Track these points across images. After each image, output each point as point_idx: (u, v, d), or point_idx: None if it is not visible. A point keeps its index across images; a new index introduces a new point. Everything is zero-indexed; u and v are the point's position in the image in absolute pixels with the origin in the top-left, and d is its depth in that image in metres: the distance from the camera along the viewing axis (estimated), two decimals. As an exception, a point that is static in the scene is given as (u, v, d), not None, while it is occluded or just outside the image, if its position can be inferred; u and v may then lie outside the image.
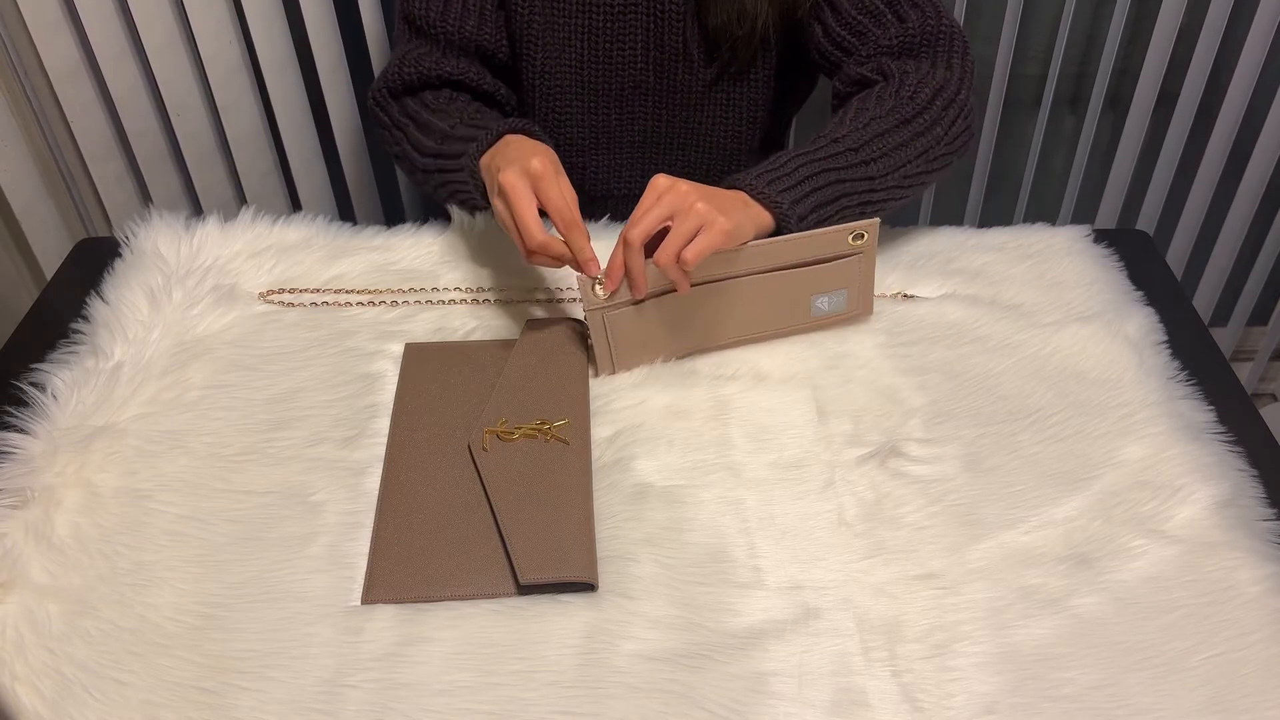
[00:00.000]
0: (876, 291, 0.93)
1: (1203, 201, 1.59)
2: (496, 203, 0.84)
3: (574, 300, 0.93)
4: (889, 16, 0.96)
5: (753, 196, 0.82)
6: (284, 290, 0.93)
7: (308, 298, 0.93)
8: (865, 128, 0.88)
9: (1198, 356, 0.88)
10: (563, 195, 0.81)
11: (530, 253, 0.82)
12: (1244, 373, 1.83)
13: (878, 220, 0.84)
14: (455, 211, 1.01)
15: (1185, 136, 1.52)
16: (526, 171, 0.81)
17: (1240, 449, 0.78)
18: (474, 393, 0.82)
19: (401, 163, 1.03)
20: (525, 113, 1.09)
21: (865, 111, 0.90)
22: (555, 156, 0.85)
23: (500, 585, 0.68)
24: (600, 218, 1.01)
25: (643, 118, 1.08)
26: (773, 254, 0.83)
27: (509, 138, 0.89)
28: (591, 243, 0.80)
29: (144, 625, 0.66)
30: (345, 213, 1.56)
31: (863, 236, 0.84)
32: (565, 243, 0.80)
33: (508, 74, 1.07)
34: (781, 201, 0.82)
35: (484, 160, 0.89)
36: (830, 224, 0.86)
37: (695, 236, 0.77)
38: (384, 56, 1.41)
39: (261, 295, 0.92)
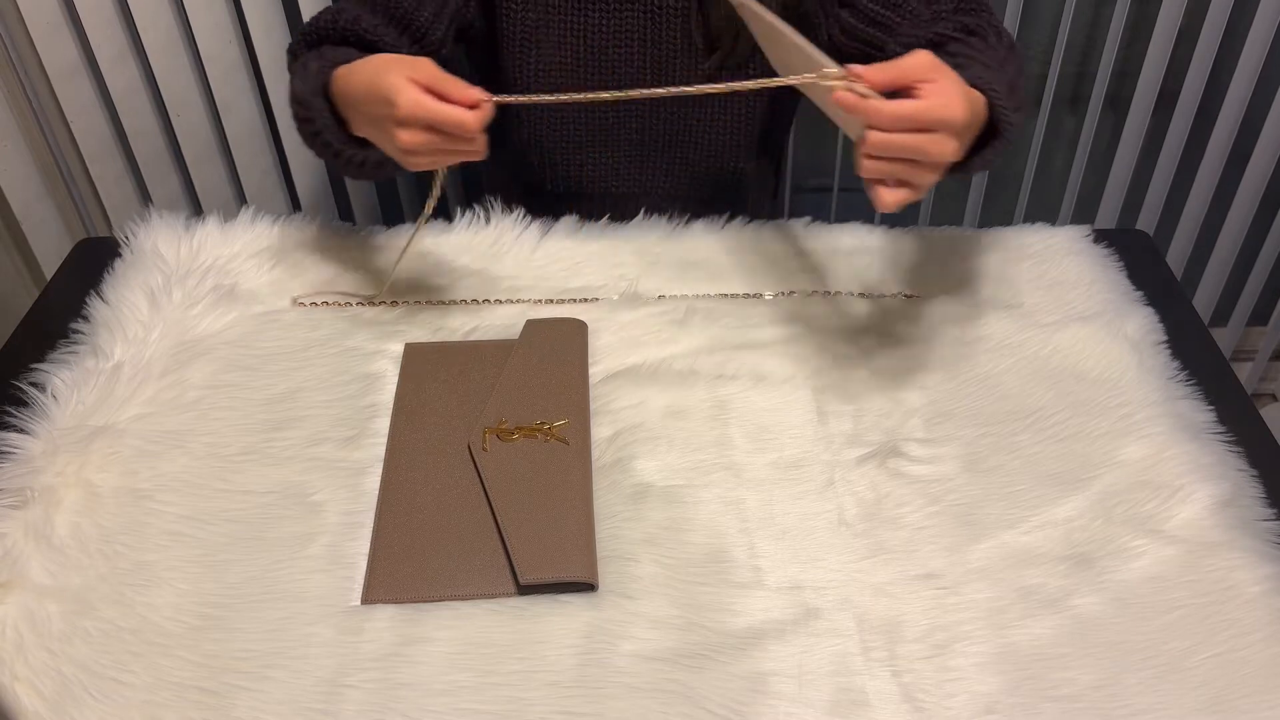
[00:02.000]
0: (877, 292, 0.93)
1: (1203, 201, 1.59)
2: (405, 138, 0.74)
3: (574, 301, 0.93)
4: None
5: (997, 117, 0.77)
6: (316, 294, 0.92)
7: (337, 297, 0.92)
8: (1001, 68, 0.84)
9: (1198, 356, 0.88)
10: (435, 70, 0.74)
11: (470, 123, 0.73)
12: (1244, 373, 1.83)
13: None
14: (457, 211, 1.01)
15: (1185, 136, 1.52)
16: (412, 81, 0.73)
17: (1240, 449, 0.78)
18: (474, 393, 0.82)
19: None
20: (521, 114, 1.09)
21: (993, 56, 0.85)
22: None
23: (500, 585, 0.68)
24: (600, 217, 1.01)
25: (639, 115, 1.07)
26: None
27: (358, 64, 0.79)
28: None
29: (144, 625, 0.66)
30: (345, 213, 1.56)
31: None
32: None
33: (443, 64, 1.00)
34: (1013, 123, 0.77)
35: (337, 87, 0.81)
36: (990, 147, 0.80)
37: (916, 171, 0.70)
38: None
39: (294, 300, 0.91)
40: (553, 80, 1.04)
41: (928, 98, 0.69)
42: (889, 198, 0.70)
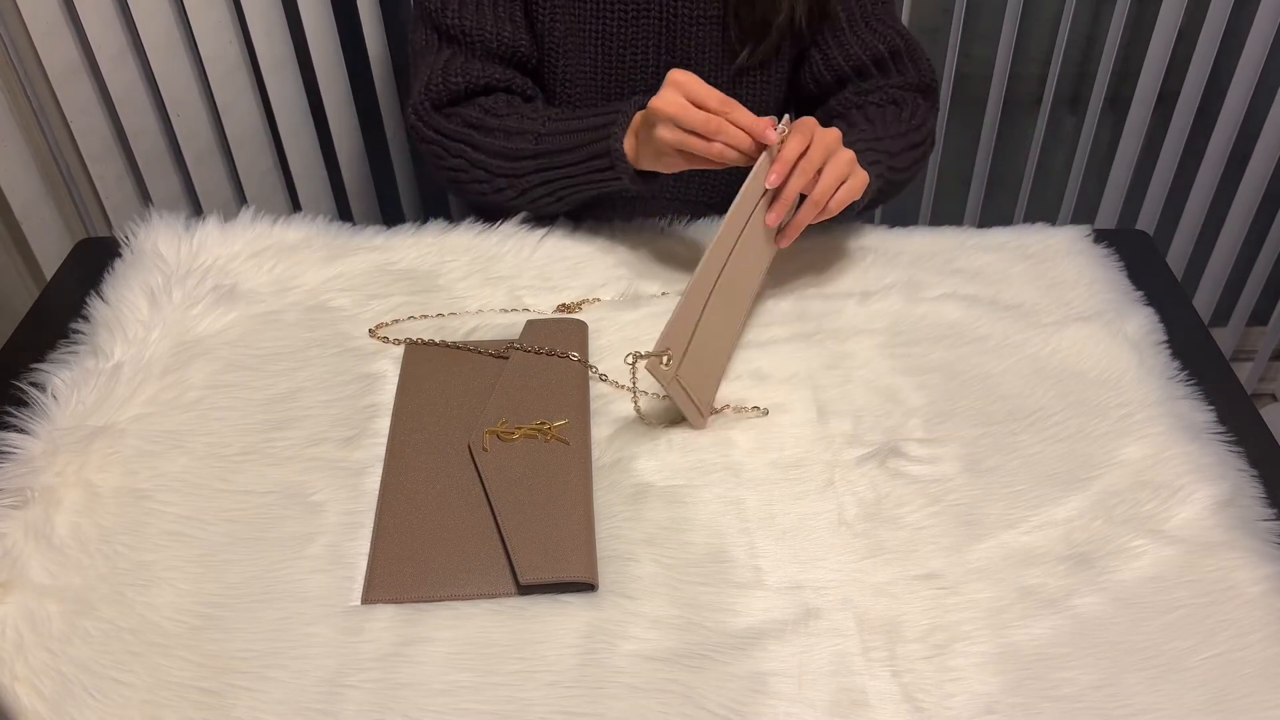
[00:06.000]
0: (875, 288, 0.93)
1: (1203, 201, 1.59)
2: (662, 134, 0.86)
3: (574, 301, 0.93)
4: (891, 67, 1.05)
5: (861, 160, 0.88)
6: (393, 322, 0.90)
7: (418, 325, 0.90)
8: (894, 139, 0.98)
9: (1198, 356, 0.88)
10: (707, 86, 0.85)
11: (714, 140, 0.84)
12: (1244, 373, 1.83)
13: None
14: (458, 211, 1.01)
15: (1185, 136, 1.52)
16: (672, 85, 0.85)
17: (1240, 449, 0.78)
18: (474, 393, 0.82)
19: (460, 175, 1.00)
20: None
21: (891, 125, 0.99)
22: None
23: (500, 585, 0.68)
24: (614, 220, 1.02)
25: None
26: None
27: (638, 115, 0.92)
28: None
29: (144, 625, 0.66)
30: (345, 213, 1.56)
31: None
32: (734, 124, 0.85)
33: (537, 80, 1.08)
34: (870, 172, 0.89)
35: (628, 143, 0.91)
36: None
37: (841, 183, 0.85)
38: (383, 56, 1.41)
39: (371, 332, 0.89)
40: (576, 87, 1.06)
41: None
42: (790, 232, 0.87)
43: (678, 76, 0.85)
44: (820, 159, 0.83)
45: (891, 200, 1.04)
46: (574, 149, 0.94)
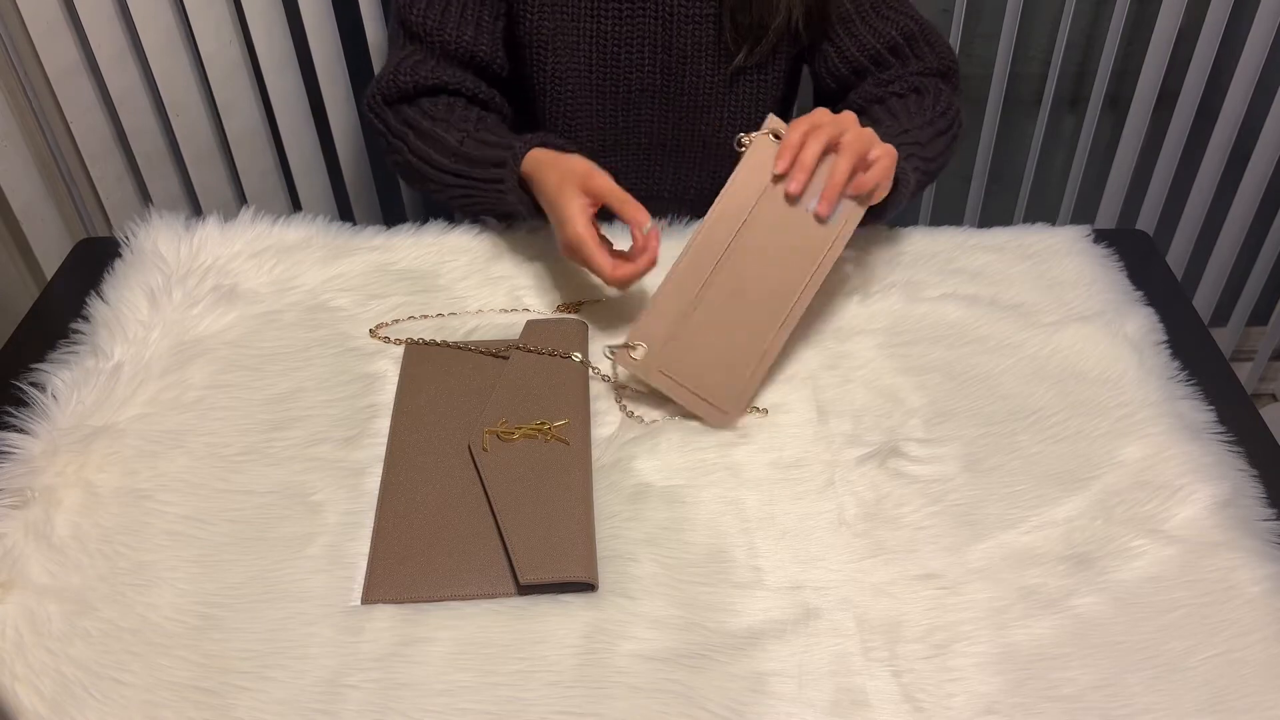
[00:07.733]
0: (875, 288, 0.93)
1: (1203, 201, 1.59)
2: (566, 254, 0.89)
3: (574, 301, 0.93)
4: (909, 53, 1.03)
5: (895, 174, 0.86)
6: (394, 322, 0.91)
7: (418, 326, 0.90)
8: (922, 129, 0.96)
9: (1198, 356, 0.88)
10: (607, 184, 0.87)
11: (618, 280, 0.86)
12: (1244, 373, 1.83)
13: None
14: (459, 212, 1.01)
15: (1185, 136, 1.52)
16: (574, 209, 0.86)
17: (1240, 449, 0.78)
18: (474, 393, 0.82)
19: (403, 170, 1.03)
20: (538, 118, 1.10)
21: (915, 115, 0.98)
22: (584, 160, 0.89)
23: (500, 585, 0.68)
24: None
25: (650, 120, 1.08)
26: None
27: (536, 155, 0.91)
28: (614, 248, 0.83)
29: (144, 625, 0.66)
30: (345, 213, 1.56)
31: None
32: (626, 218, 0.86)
33: (502, 85, 1.08)
34: (906, 168, 0.88)
35: (527, 171, 0.92)
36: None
37: (868, 161, 0.81)
38: (383, 56, 1.41)
39: (372, 332, 0.89)
40: (568, 84, 1.05)
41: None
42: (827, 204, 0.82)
43: (571, 248, 0.86)
44: (830, 132, 0.80)
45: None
46: (480, 178, 0.95)
